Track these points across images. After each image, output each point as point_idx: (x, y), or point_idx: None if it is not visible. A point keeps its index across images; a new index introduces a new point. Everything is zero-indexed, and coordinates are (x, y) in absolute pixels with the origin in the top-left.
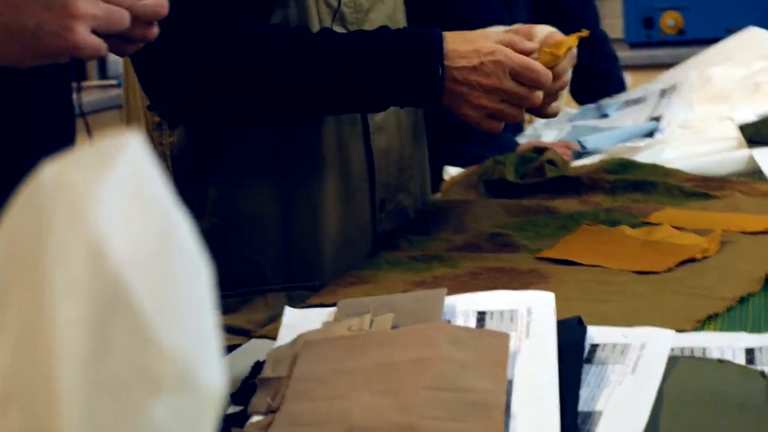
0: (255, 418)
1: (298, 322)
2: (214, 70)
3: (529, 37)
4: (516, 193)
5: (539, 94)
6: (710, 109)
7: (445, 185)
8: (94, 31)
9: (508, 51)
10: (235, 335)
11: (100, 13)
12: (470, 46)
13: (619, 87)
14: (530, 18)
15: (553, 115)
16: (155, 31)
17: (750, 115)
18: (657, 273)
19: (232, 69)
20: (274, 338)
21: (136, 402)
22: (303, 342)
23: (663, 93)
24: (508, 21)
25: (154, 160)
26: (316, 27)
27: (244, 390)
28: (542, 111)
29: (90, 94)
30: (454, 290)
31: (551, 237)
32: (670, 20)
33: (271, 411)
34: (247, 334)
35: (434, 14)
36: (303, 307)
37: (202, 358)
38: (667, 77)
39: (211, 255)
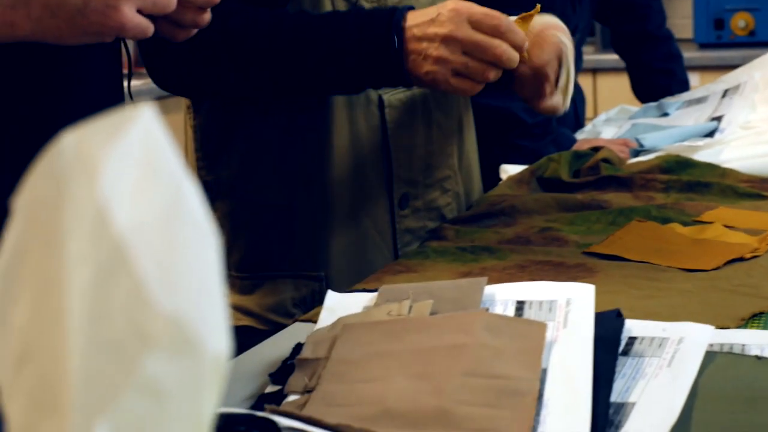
0: (291, 398)
1: (338, 305)
2: (201, 49)
3: None
4: (568, 191)
5: (504, 45)
6: None
7: (501, 184)
8: (142, 12)
9: (469, 3)
10: (244, 315)
11: None
12: (431, 6)
13: (683, 86)
14: (594, 16)
15: (552, 111)
16: (207, 17)
17: None
18: (705, 271)
19: (215, 47)
20: (315, 322)
21: (129, 357)
22: (342, 325)
23: (725, 93)
24: (573, 20)
25: (166, 131)
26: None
27: (283, 370)
28: (538, 105)
29: (141, 79)
30: (499, 281)
31: (602, 232)
32: (740, 21)
33: (307, 391)
34: (257, 316)
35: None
36: (346, 290)
37: (205, 322)
38: (730, 77)
39: (225, 238)
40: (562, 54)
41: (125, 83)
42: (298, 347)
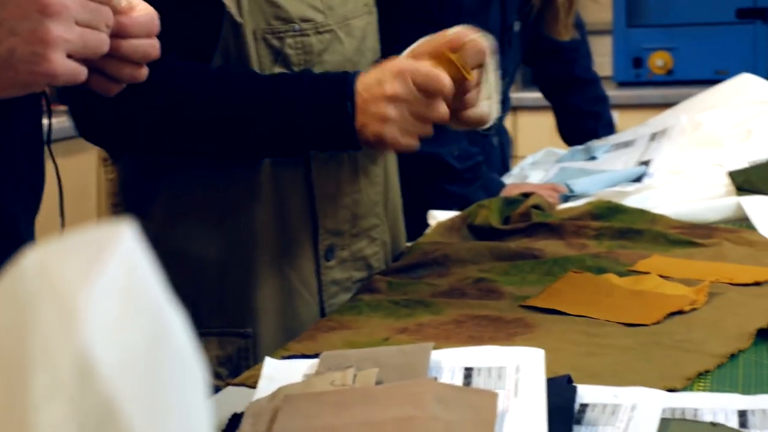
0: None
1: (277, 373)
2: (134, 106)
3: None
4: (499, 238)
5: (443, 106)
6: (700, 154)
7: (430, 231)
8: (72, 57)
9: (411, 61)
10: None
11: (75, 38)
12: (378, 67)
13: (609, 128)
14: (523, 59)
15: (480, 122)
16: (144, 72)
17: (741, 162)
18: (645, 325)
19: (149, 106)
20: (250, 386)
21: None
22: (283, 396)
23: (653, 137)
24: (504, 64)
25: (146, 252)
26: (255, 68)
27: None
28: (463, 116)
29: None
30: (438, 338)
31: (537, 283)
32: (659, 60)
33: None
34: None
35: None
36: (283, 357)
37: None
38: (657, 121)
39: None
40: (483, 59)
41: (45, 121)
42: (235, 419)
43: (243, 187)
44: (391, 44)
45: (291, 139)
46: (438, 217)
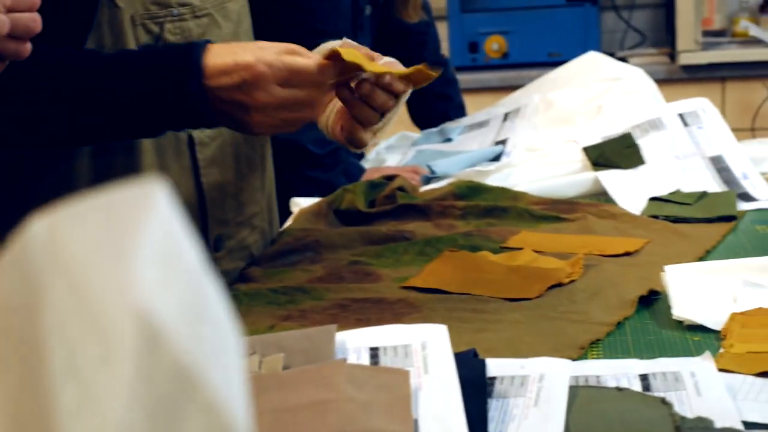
0: None
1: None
2: None
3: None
4: (367, 223)
5: (314, 94)
6: (555, 131)
7: (294, 217)
8: None
9: (270, 57)
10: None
11: None
12: (231, 59)
13: (459, 110)
14: (374, 42)
15: (360, 144)
16: (28, 47)
17: (594, 138)
18: (528, 299)
19: None
20: None
21: None
22: None
23: (506, 116)
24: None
25: (179, 214)
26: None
27: None
28: (352, 130)
29: None
30: (325, 323)
31: (412, 264)
32: (494, 44)
33: None
34: None
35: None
36: None
37: None
38: (509, 101)
39: None
40: (400, 89)
41: None
42: None
43: (125, 177)
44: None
45: (136, 116)
46: (300, 203)
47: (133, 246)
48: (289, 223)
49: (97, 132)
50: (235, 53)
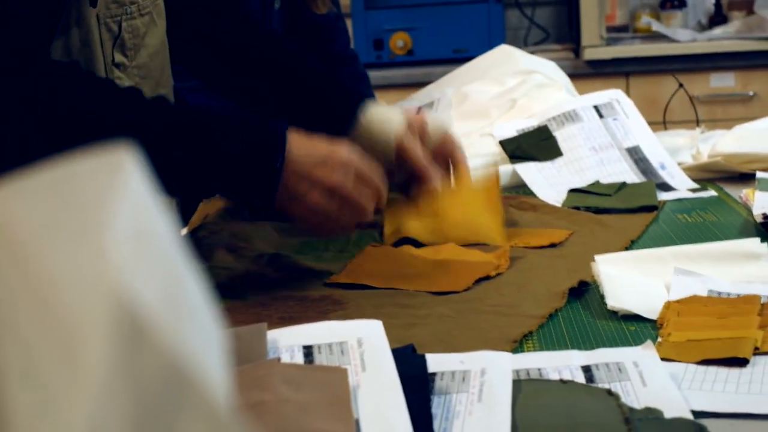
0: None
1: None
2: (18, 136)
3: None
4: (281, 218)
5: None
6: (470, 125)
7: (201, 209)
8: None
9: (356, 155)
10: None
11: None
12: (316, 142)
13: None
14: (283, 34)
15: None
16: None
17: (509, 131)
18: (456, 293)
19: (39, 136)
20: None
21: None
22: None
23: (419, 111)
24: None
25: (153, 189)
26: (98, 53)
27: None
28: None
29: None
30: (248, 323)
31: (333, 261)
32: (399, 41)
33: None
34: None
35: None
36: None
37: None
38: (422, 95)
39: None
40: None
41: None
42: None
43: None
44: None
45: (200, 180)
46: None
47: (101, 223)
48: (197, 217)
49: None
50: (319, 140)
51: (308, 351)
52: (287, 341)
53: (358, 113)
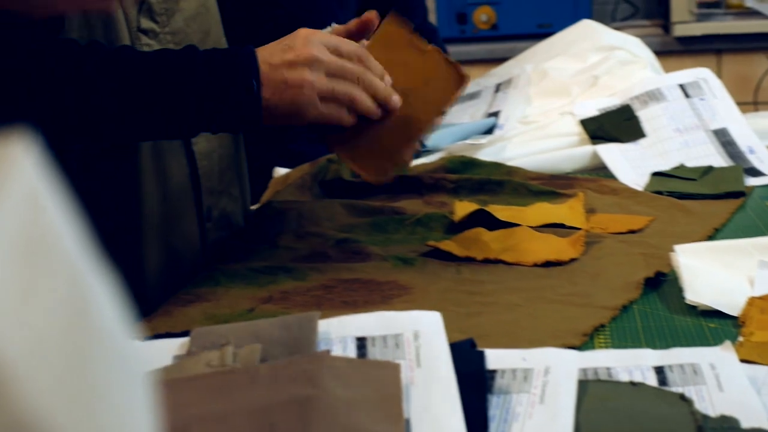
0: None
1: (143, 356)
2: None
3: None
4: (353, 194)
5: (367, 72)
6: (549, 103)
7: (273, 184)
8: None
9: (318, 31)
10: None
11: None
12: (277, 41)
13: None
14: (358, 13)
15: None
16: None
17: (591, 110)
18: (526, 266)
19: (20, 92)
20: None
21: None
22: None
23: (498, 87)
24: (340, 15)
25: (53, 186)
26: (121, 19)
27: None
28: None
29: None
30: (308, 306)
31: (403, 242)
32: (483, 15)
33: None
34: None
35: (265, 13)
36: (146, 338)
37: None
38: (501, 71)
39: None
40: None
41: None
42: None
43: (124, 155)
44: None
45: (182, 123)
46: (282, 173)
47: None
48: (268, 193)
49: (127, 133)
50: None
51: (361, 343)
52: (340, 332)
53: None
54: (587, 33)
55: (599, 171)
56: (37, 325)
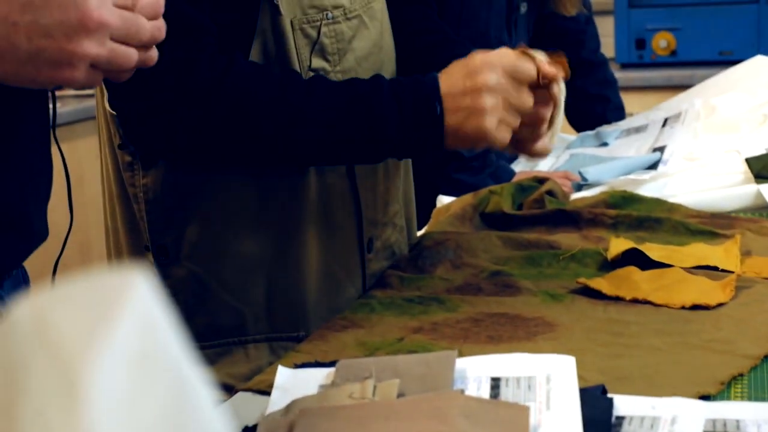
0: None
1: (290, 384)
2: (205, 120)
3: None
4: (513, 226)
5: (529, 95)
6: (716, 139)
7: (435, 213)
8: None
9: (493, 53)
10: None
11: (105, 53)
12: (456, 64)
13: (618, 112)
14: (530, 41)
15: (543, 154)
16: (154, 55)
17: (758, 148)
18: (671, 307)
19: (220, 119)
20: (261, 392)
21: None
22: (298, 410)
23: (666, 122)
24: (510, 46)
25: (164, 305)
26: (294, 59)
27: None
28: (530, 148)
29: (66, 104)
30: (455, 338)
31: (555, 277)
32: (662, 41)
33: None
34: (229, 389)
35: (436, 41)
36: (296, 365)
37: None
38: (669, 105)
39: (188, 303)
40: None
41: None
42: None
43: (290, 184)
44: (397, 27)
45: (370, 147)
46: (446, 202)
47: (99, 345)
48: (429, 224)
49: (319, 156)
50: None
51: (495, 383)
52: (476, 371)
53: None
54: (759, 69)
55: (762, 211)
56: (142, 421)
